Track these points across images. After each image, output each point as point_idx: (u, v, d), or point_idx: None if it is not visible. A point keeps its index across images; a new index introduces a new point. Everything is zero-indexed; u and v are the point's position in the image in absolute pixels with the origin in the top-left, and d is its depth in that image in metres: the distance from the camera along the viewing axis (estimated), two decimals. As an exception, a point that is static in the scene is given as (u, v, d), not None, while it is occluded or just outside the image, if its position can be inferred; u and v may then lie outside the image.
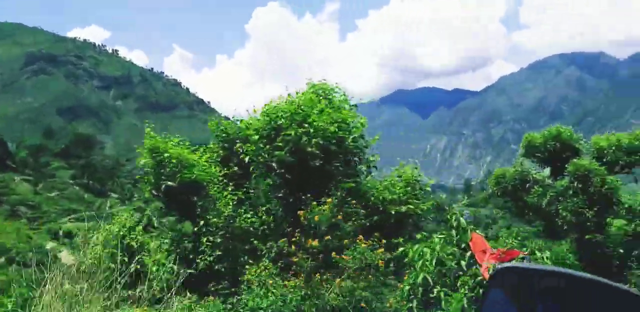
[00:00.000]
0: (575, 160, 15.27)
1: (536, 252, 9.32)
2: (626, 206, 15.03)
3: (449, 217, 7.70)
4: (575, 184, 14.68)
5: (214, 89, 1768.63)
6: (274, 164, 11.04)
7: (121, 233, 9.42)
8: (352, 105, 12.67)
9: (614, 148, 16.10)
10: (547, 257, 13.48)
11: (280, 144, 10.75)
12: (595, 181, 14.19)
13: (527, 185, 16.72)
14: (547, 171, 17.88)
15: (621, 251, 14.60)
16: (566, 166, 15.78)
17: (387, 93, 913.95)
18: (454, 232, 7.47)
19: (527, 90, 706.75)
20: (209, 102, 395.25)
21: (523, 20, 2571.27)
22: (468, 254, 7.04)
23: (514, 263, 0.97)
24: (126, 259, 7.48)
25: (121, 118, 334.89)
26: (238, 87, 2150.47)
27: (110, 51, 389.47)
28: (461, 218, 7.65)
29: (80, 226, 74.27)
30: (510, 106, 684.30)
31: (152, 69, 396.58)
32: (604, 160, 16.07)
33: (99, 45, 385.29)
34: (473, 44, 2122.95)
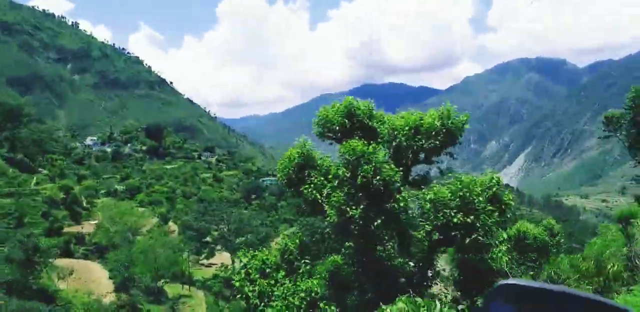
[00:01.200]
0: (348, 141, 11.16)
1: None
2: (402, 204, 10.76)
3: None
4: (342, 173, 10.89)
5: (179, 70, 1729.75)
6: None
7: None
8: None
9: (407, 129, 12.42)
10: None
11: None
12: (366, 168, 10.42)
13: (307, 172, 12.13)
14: None
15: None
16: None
17: (354, 86, 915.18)
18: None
19: (490, 91, 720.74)
20: (171, 82, 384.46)
21: (490, 23, 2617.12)
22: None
23: (514, 279, 0.99)
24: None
25: (77, 93, 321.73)
26: (204, 69, 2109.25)
27: (70, 23, 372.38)
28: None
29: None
30: (473, 106, 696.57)
31: (113, 44, 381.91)
32: (394, 143, 12.46)
33: (58, 16, 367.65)
34: (440, 43, 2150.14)
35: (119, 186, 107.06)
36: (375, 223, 10.53)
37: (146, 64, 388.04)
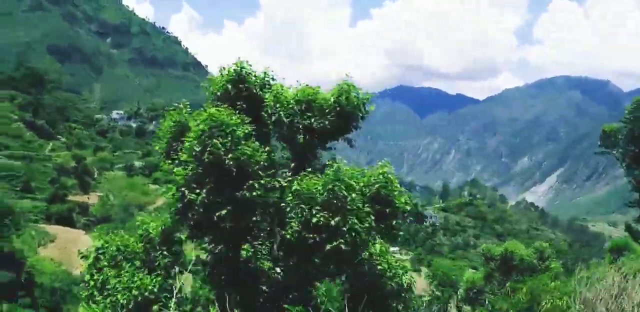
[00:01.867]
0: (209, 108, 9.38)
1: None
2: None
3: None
4: (190, 145, 9.08)
5: (216, 55, 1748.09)
6: None
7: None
8: None
9: (292, 102, 10.36)
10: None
11: None
12: (215, 143, 8.73)
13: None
14: None
15: None
16: None
17: (389, 87, 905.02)
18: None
19: (528, 106, 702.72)
20: (206, 66, 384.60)
21: (536, 36, 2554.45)
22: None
23: None
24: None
25: (113, 67, 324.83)
26: (241, 55, 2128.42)
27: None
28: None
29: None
30: (509, 119, 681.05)
31: (154, 22, 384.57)
32: (273, 118, 10.45)
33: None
34: (482, 52, 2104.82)
35: (138, 161, 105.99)
36: (219, 213, 8.52)
37: (184, 45, 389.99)
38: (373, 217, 8.85)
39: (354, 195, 8.75)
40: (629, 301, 6.34)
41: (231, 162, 8.59)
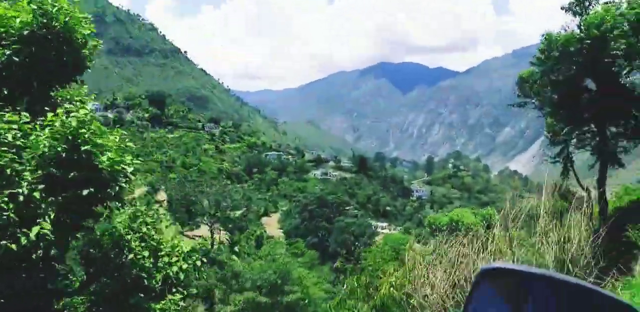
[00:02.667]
0: None
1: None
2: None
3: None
4: None
5: (195, 40, 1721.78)
6: None
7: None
8: None
9: None
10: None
11: None
12: None
13: None
14: None
15: None
16: None
17: (370, 64, 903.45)
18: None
19: (509, 76, 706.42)
20: (185, 52, 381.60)
21: (512, 6, 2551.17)
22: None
23: (500, 263, 0.98)
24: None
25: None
26: (220, 40, 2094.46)
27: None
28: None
29: None
30: (490, 91, 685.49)
31: (128, 10, 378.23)
32: None
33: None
34: (461, 24, 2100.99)
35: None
36: None
37: (160, 32, 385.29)
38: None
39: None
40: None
41: None
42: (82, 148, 6.06)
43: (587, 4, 18.24)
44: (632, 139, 19.02)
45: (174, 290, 7.69)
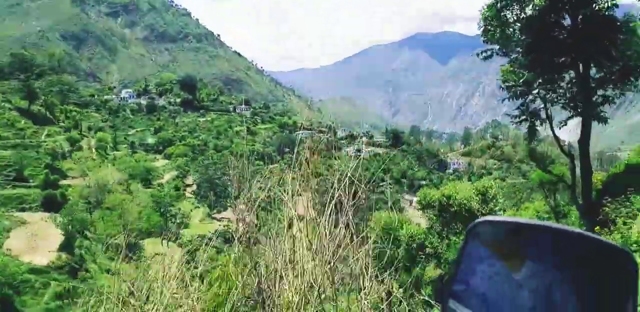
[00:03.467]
0: None
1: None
2: None
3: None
4: None
5: (229, 22, 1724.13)
6: None
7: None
8: None
9: None
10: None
11: None
12: None
13: None
14: None
15: None
16: None
17: (406, 36, 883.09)
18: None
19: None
20: (218, 35, 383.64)
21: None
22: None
23: (491, 217, 0.96)
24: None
25: (128, 47, 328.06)
26: (253, 21, 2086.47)
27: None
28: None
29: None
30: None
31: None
32: None
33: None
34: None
35: (151, 138, 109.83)
36: None
37: (194, 17, 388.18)
38: None
39: None
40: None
41: None
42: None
43: None
44: (617, 85, 15.35)
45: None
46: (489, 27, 16.14)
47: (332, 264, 3.35)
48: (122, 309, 3.64)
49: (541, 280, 0.93)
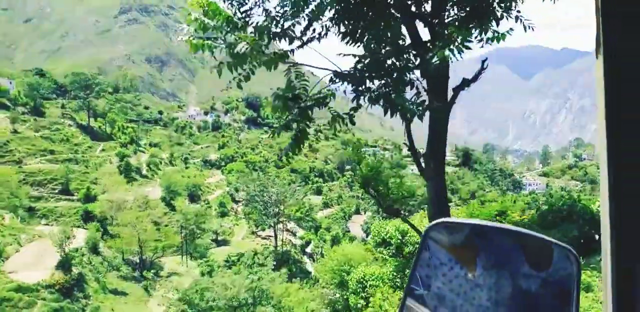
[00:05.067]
0: None
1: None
2: None
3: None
4: None
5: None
6: None
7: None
8: None
9: None
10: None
11: None
12: None
13: None
14: None
15: None
16: None
17: (487, 50, 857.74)
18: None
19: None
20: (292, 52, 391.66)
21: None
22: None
23: (448, 218, 0.99)
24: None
25: (206, 68, 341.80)
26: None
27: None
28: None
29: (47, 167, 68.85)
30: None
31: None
32: None
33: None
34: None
35: (215, 153, 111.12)
36: None
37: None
38: None
39: None
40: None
41: None
42: None
43: None
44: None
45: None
46: None
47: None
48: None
49: (495, 279, 0.98)
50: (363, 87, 7.22)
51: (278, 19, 7.37)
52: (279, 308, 28.69)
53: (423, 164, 8.61)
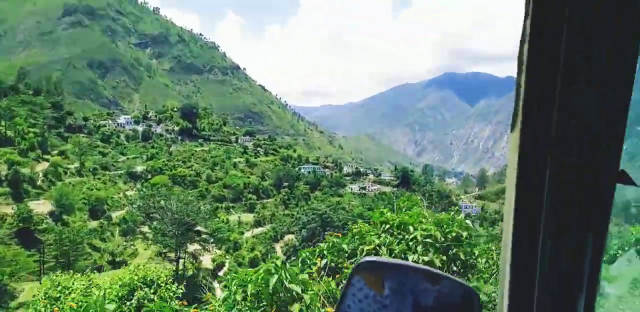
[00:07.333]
0: None
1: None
2: None
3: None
4: None
5: (261, 58, 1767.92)
6: None
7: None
8: None
9: None
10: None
11: None
12: None
13: None
14: None
15: None
16: None
17: (434, 75, 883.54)
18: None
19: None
20: (244, 68, 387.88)
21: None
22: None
23: (376, 257, 1.02)
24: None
25: (153, 77, 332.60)
26: (285, 57, 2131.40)
27: (151, 8, 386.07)
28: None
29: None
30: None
31: (191, 30, 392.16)
32: None
33: (141, 1, 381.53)
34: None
35: (142, 165, 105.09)
36: None
37: (221, 50, 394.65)
38: None
39: None
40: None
41: None
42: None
43: None
44: None
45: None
46: None
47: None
48: None
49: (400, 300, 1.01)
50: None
51: None
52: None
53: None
